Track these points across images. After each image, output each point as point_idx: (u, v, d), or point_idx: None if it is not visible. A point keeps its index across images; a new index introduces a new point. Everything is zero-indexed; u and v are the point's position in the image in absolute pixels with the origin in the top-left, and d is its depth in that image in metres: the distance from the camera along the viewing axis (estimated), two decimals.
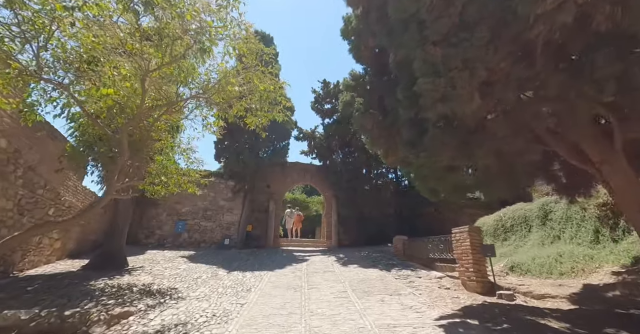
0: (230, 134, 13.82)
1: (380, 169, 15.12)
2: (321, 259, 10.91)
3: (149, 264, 8.27)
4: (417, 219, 15.59)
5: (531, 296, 5.03)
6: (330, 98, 15.65)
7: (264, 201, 15.50)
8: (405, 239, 10.37)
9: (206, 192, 13.86)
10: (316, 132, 16.46)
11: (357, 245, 14.97)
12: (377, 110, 6.71)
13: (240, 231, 13.49)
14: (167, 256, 9.99)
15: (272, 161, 14.72)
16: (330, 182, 15.71)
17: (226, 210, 13.96)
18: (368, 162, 14.78)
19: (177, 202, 13.49)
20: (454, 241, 6.95)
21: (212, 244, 13.28)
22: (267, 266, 9.23)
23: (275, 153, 14.35)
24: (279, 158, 14.61)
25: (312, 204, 24.25)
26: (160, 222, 13.05)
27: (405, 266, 8.83)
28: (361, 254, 11.47)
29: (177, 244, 12.84)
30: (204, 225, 13.49)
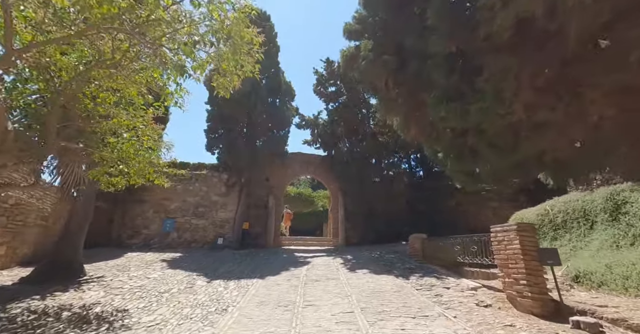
0: (222, 121, 12.37)
1: (392, 158, 13.42)
2: (325, 261, 9.39)
3: (115, 271, 6.88)
4: (435, 215, 13.87)
5: (627, 326, 3.39)
6: (334, 79, 13.96)
7: (262, 196, 14.05)
8: (424, 238, 8.73)
9: (197, 186, 12.48)
10: (319, 119, 14.84)
11: (367, 243, 13.40)
12: (393, 56, 5.01)
13: (236, 230, 12.07)
14: (146, 259, 8.62)
15: (271, 151, 13.18)
16: (335, 174, 14.13)
17: (220, 206, 12.55)
18: (378, 150, 13.09)
19: (165, 198, 12.13)
20: (495, 242, 5.29)
21: (204, 244, 11.91)
22: (260, 271, 7.76)
23: (273, 142, 12.80)
24: (278, 148, 13.06)
25: (318, 199, 22.76)
26: (147, 221, 11.73)
27: (426, 272, 7.22)
28: (372, 255, 9.89)
29: (165, 245, 11.51)
30: (195, 223, 12.11)
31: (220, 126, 12.37)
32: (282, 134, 13.40)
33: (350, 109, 13.13)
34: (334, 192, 14.68)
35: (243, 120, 12.28)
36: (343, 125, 14.00)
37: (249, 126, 12.48)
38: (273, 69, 13.84)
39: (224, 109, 12.16)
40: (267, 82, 13.35)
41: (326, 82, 13.90)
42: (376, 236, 13.12)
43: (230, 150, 11.93)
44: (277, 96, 13.56)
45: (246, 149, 12.03)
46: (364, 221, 13.49)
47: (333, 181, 14.72)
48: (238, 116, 12.10)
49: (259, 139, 12.76)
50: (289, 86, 14.32)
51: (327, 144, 14.71)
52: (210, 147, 12.59)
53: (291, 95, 14.56)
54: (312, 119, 14.92)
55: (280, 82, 13.83)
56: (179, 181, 12.30)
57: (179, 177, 12.04)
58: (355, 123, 14.03)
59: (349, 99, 13.30)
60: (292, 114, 14.59)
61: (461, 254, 6.72)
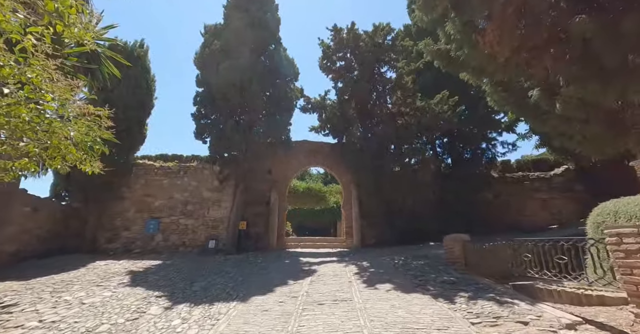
0: (213, 103, 10.53)
1: (416, 143, 11.16)
2: (335, 269, 7.39)
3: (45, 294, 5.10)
4: (468, 209, 11.57)
5: None
6: (344, 51, 11.83)
7: (264, 191, 12.18)
8: (466, 241, 6.54)
9: (186, 180, 10.73)
10: (327, 100, 12.78)
11: (386, 244, 11.30)
12: None
13: (231, 230, 10.25)
14: (108, 271, 6.88)
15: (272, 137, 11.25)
16: (348, 163, 12.08)
17: (212, 203, 10.76)
18: (397, 133, 10.89)
19: (149, 195, 10.45)
20: (620, 252, 3.10)
21: (194, 247, 10.15)
22: (247, 286, 5.86)
23: (274, 127, 10.84)
24: (280, 134, 11.09)
25: (330, 195, 20.77)
26: (127, 221, 10.07)
27: (477, 289, 5.08)
28: (394, 261, 7.80)
29: (149, 250, 9.83)
30: (184, 223, 10.37)
31: (211, 109, 10.53)
32: (285, 119, 11.43)
33: (362, 86, 11.01)
34: (346, 185, 12.63)
35: (237, 102, 10.38)
36: (355, 106, 11.90)
37: (245, 109, 10.57)
38: (273, 45, 11.88)
39: (215, 89, 10.31)
40: (266, 59, 11.41)
41: (334, 54, 11.80)
42: (398, 236, 11.00)
43: (222, 137, 10.07)
44: (278, 75, 11.58)
45: (241, 136, 10.13)
46: (383, 218, 11.39)
47: (345, 172, 12.67)
48: (231, 97, 10.22)
49: (257, 124, 10.83)
50: (291, 63, 12.29)
51: (337, 129, 12.65)
52: (200, 134, 10.77)
53: (294, 74, 12.53)
54: (319, 100, 12.87)
55: (281, 58, 11.85)
56: (164, 175, 10.61)
57: (165, 170, 10.36)
58: (369, 103, 11.89)
59: (361, 74, 11.17)
60: (295, 96, 12.57)
61: (535, 266, 4.52)
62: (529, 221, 11.35)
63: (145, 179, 10.52)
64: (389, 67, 11.30)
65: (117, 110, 10.14)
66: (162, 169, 10.69)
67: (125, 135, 10.16)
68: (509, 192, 12.05)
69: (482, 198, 12.09)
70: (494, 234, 11.33)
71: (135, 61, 10.89)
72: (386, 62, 11.27)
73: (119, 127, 9.73)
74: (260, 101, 10.24)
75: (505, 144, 11.56)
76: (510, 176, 12.29)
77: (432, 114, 10.21)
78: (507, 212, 11.84)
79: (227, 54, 10.46)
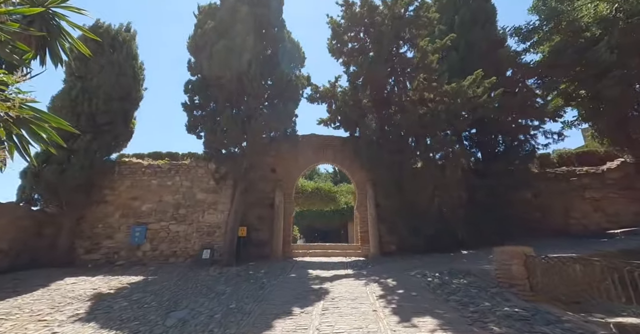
0: (206, 91, 9.15)
1: (442, 134, 9.50)
2: (353, 290, 5.88)
3: None
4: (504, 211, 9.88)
5: None
6: (356, 29, 10.25)
7: (267, 191, 10.76)
8: (532, 256, 4.88)
9: (178, 180, 9.38)
10: (337, 87, 11.26)
11: (410, 253, 9.74)
12: None
13: (228, 237, 8.83)
14: (70, 294, 5.51)
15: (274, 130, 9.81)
16: (362, 159, 10.54)
17: (207, 206, 9.38)
18: (421, 123, 9.27)
19: (135, 198, 9.12)
20: None
21: (186, 257, 8.79)
22: (240, 319, 4.40)
23: (277, 118, 9.35)
24: (283, 125, 9.61)
25: (341, 195, 19.23)
26: (110, 228, 8.76)
27: (567, 332, 3.49)
28: (427, 278, 6.23)
29: (134, 261, 8.49)
30: (175, 230, 9.01)
31: (204, 98, 9.13)
32: (289, 108, 9.92)
33: (379, 69, 9.44)
34: (360, 184, 11.09)
35: (234, 89, 8.96)
36: (370, 92, 10.34)
37: (243, 98, 9.12)
38: (275, 26, 10.41)
39: (209, 74, 8.91)
40: (267, 41, 9.95)
41: (345, 33, 10.24)
42: (423, 243, 9.40)
43: (217, 129, 8.66)
44: (281, 59, 10.11)
45: (240, 128, 8.70)
46: (404, 222, 9.80)
47: (359, 170, 11.13)
48: (227, 83, 8.81)
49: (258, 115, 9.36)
50: (296, 47, 10.81)
51: (349, 120, 11.11)
52: (193, 128, 9.36)
53: (300, 59, 11.04)
54: (329, 88, 11.35)
55: (284, 41, 10.38)
56: (153, 175, 9.28)
57: (154, 169, 9.03)
58: (386, 89, 10.32)
59: (377, 55, 9.60)
60: (302, 84, 11.07)
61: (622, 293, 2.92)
62: (579, 224, 9.61)
63: (132, 180, 9.21)
64: (409, 46, 9.71)
65: (97, 101, 8.86)
66: (150, 168, 9.36)
67: (108, 129, 8.89)
68: (551, 190, 10.29)
69: (520, 198, 10.38)
70: (537, 241, 9.61)
71: (119, 46, 9.62)
72: (407, 40, 9.67)
73: (99, 120, 8.45)
74: (260, 87, 8.78)
75: (549, 134, 9.85)
76: (552, 172, 10.54)
77: (464, 99, 8.58)
78: (551, 214, 10.10)
79: (221, 35, 9.05)
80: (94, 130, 8.52)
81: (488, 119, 10.24)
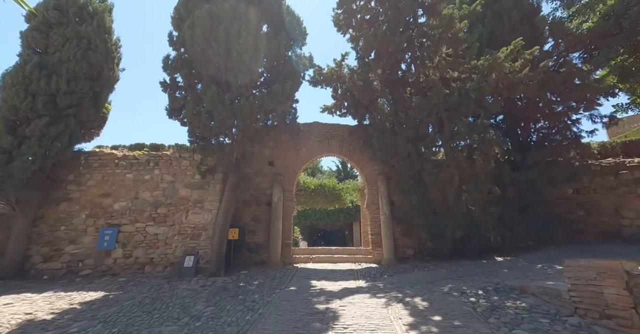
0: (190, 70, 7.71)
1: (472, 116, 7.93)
2: (371, 314, 4.41)
3: None
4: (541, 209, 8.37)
5: None
6: None
7: (264, 188, 9.33)
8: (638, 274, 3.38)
9: (157, 174, 7.94)
10: (344, 68, 9.77)
11: (431, 258, 8.31)
12: None
13: (217, 241, 7.37)
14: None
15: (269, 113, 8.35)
16: (373, 150, 9.07)
17: (192, 204, 7.94)
18: (446, 105, 7.74)
19: (105, 194, 7.69)
20: None
21: (166, 266, 7.36)
22: None
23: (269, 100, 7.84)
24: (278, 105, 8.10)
25: (346, 193, 17.77)
26: (75, 231, 7.33)
27: None
28: (470, 298, 4.73)
29: (102, 271, 7.07)
30: (153, 233, 7.58)
31: (188, 76, 7.68)
32: (288, 89, 8.38)
33: (393, 42, 7.92)
34: (371, 178, 9.61)
35: (222, 63, 7.49)
36: (382, 71, 8.84)
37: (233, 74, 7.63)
38: None
39: (191, 47, 7.46)
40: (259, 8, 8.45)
41: (354, 1, 8.72)
42: (447, 247, 7.92)
43: (201, 111, 7.20)
44: (278, 32, 8.62)
45: (228, 109, 7.21)
46: (425, 222, 8.33)
47: (369, 162, 9.66)
48: (213, 56, 7.35)
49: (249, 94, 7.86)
50: (295, 20, 9.31)
51: (358, 105, 9.64)
52: (176, 112, 7.91)
53: (301, 35, 9.54)
54: (334, 69, 9.87)
55: (281, 11, 8.90)
56: (128, 167, 7.86)
57: (130, 161, 7.61)
58: (401, 66, 8.82)
59: (391, 26, 8.08)
60: (303, 64, 9.59)
61: None
62: (633, 226, 8.08)
63: (102, 173, 7.78)
64: (429, 14, 8.18)
65: (59, 79, 7.40)
66: (125, 159, 7.93)
67: (72, 113, 7.46)
68: (597, 185, 8.76)
69: (559, 194, 8.86)
70: (586, 246, 8.09)
71: (88, 17, 8.19)
72: (427, 8, 8.13)
73: (60, 101, 7.00)
74: (252, 61, 7.30)
75: (596, 118, 8.25)
76: (596, 164, 8.99)
77: (500, 75, 7.07)
78: (597, 214, 8.57)
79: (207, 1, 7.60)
80: (54, 113, 7.10)
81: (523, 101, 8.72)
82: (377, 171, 9.50)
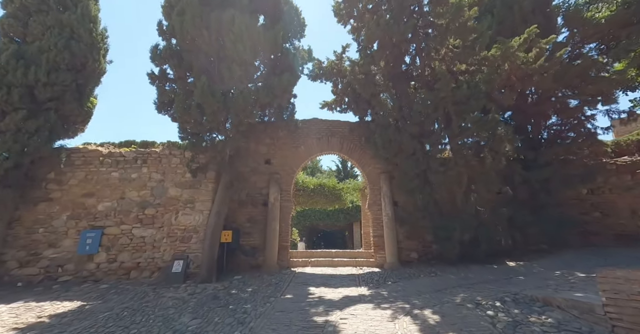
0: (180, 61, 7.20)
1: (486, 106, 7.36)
2: (375, 330, 3.89)
3: None
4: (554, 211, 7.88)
5: None
6: None
7: (260, 187, 8.83)
8: None
9: (145, 172, 7.43)
10: (345, 61, 9.27)
11: (437, 262, 7.83)
12: None
13: (208, 244, 6.86)
14: None
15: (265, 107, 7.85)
16: (376, 146, 8.56)
17: (183, 204, 7.42)
18: (454, 98, 7.23)
19: (88, 194, 7.17)
20: None
21: (154, 271, 6.84)
22: None
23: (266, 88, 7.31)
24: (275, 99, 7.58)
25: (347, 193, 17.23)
26: (55, 234, 6.81)
27: None
28: (487, 311, 4.22)
29: (83, 277, 6.55)
30: (140, 235, 7.06)
31: (176, 66, 7.15)
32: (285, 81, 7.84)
33: (397, 32, 7.42)
34: (372, 177, 9.11)
35: (214, 52, 6.99)
36: (386, 64, 8.34)
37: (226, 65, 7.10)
38: None
39: (181, 36, 6.94)
40: None
41: None
42: (454, 250, 7.41)
43: (191, 105, 6.68)
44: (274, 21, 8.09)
45: (220, 101, 6.69)
46: (430, 224, 7.83)
47: (371, 160, 9.15)
48: (203, 45, 6.83)
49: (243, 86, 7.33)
50: (293, 10, 8.78)
51: (360, 100, 9.15)
52: (165, 106, 7.39)
53: (299, 26, 9.02)
54: (334, 62, 9.37)
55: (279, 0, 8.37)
56: (114, 165, 7.33)
57: (116, 158, 7.09)
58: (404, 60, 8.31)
59: (395, 15, 7.58)
60: (302, 57, 9.07)
61: None
62: None
63: (86, 172, 7.26)
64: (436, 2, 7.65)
65: (38, 69, 6.81)
66: (111, 156, 7.40)
67: (53, 106, 6.94)
68: (612, 185, 8.27)
69: (573, 194, 8.37)
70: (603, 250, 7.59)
71: (71, 4, 7.66)
72: None
73: (40, 94, 6.45)
74: (247, 50, 6.77)
75: (614, 113, 7.76)
76: (612, 163, 8.50)
77: (513, 65, 6.56)
78: (613, 215, 8.09)
79: None
80: (32, 106, 6.58)
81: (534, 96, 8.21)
82: (379, 170, 9.00)
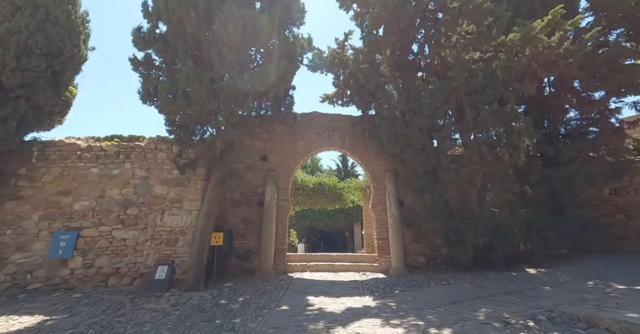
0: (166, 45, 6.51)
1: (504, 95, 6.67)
2: None
3: None
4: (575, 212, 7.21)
5: None
6: None
7: (256, 185, 8.17)
8: None
9: (128, 168, 6.75)
10: (348, 50, 8.60)
11: (447, 268, 7.16)
12: None
13: (196, 248, 6.18)
14: None
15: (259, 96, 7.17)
16: (381, 141, 7.89)
17: (169, 204, 6.74)
18: (467, 88, 6.56)
19: (64, 192, 6.48)
20: None
21: (135, 277, 6.16)
22: None
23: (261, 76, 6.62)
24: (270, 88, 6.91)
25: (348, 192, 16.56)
26: (23, 236, 6.12)
27: None
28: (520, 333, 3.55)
29: (56, 284, 5.87)
30: (121, 237, 6.37)
31: (160, 50, 6.47)
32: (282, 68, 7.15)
33: (405, 15, 6.75)
34: (377, 175, 8.44)
35: (202, 36, 6.30)
36: (392, 52, 7.65)
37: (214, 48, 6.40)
38: None
39: (166, 16, 6.24)
40: None
41: None
42: (467, 255, 6.75)
43: (176, 92, 5.99)
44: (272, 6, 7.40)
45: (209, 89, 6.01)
46: (440, 226, 7.17)
47: (375, 157, 8.49)
48: (190, 27, 6.14)
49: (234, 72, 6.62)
50: None
51: (363, 92, 8.47)
52: (150, 95, 6.71)
53: (299, 12, 8.31)
54: (336, 51, 8.70)
55: None
56: (93, 160, 6.65)
57: (95, 152, 6.41)
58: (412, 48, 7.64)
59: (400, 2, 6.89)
60: (301, 46, 8.38)
61: None
62: None
63: (62, 167, 6.58)
64: None
65: (5, 53, 6.02)
66: (90, 150, 6.72)
67: (24, 95, 6.24)
68: (638, 185, 7.61)
69: (596, 194, 7.71)
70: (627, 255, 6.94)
71: None
72: None
73: (8, 80, 5.57)
74: (239, 33, 6.08)
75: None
76: (637, 161, 7.83)
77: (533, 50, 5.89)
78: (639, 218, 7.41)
79: None
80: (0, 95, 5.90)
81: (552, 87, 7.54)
82: (384, 167, 8.34)
